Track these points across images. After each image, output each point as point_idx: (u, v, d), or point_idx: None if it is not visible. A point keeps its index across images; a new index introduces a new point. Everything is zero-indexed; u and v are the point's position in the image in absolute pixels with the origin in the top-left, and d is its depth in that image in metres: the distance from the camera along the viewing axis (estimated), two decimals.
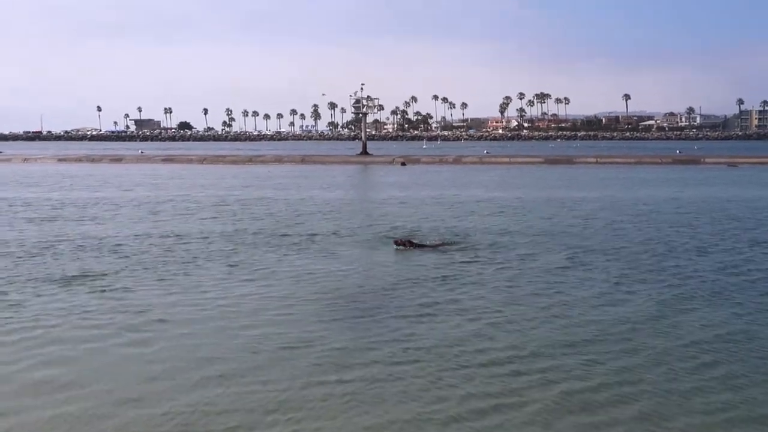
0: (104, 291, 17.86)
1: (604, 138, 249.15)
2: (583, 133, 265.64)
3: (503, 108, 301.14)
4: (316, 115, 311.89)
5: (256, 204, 39.49)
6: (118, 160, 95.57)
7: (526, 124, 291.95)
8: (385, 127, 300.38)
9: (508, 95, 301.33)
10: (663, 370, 12.17)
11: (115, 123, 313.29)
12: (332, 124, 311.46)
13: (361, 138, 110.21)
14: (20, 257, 22.63)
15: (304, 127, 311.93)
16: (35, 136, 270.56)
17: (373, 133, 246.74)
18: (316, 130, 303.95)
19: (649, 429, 9.97)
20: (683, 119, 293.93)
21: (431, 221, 31.54)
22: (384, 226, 29.75)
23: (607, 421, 10.21)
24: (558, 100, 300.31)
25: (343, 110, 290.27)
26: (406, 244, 24.29)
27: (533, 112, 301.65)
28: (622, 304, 16.71)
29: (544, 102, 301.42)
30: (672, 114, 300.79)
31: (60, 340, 13.85)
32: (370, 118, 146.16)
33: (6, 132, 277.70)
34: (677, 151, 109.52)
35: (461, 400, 10.87)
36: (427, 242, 25.09)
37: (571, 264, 21.52)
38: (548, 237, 26.85)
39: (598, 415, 10.40)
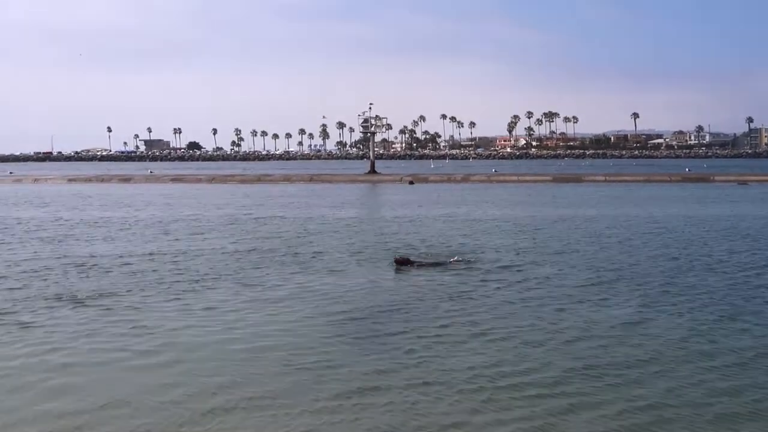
0: (114, 310, 17.71)
1: (612, 156, 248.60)
2: (591, 151, 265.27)
3: (511, 127, 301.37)
4: (325, 134, 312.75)
5: (267, 223, 39.41)
6: (127, 180, 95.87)
7: (534, 143, 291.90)
8: (393, 146, 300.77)
9: (516, 114, 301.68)
10: (693, 395, 11.85)
11: (125, 143, 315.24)
12: (340, 144, 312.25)
13: (369, 157, 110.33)
14: (32, 277, 22.55)
15: (312, 147, 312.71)
16: (45, 157, 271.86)
17: (381, 152, 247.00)
18: (325, 150, 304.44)
19: None
20: (692, 137, 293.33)
21: (442, 239, 31.34)
22: (395, 245, 29.56)
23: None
24: (566, 119, 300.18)
25: (352, 130, 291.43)
26: (406, 262, 24.16)
27: (541, 130, 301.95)
28: (643, 324, 16.38)
29: (553, 121, 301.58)
30: (681, 132, 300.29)
31: (70, 365, 13.58)
32: (378, 138, 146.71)
33: (17, 153, 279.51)
34: (687, 169, 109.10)
35: (481, 427, 10.59)
36: (428, 260, 24.94)
37: (588, 284, 21.23)
38: (562, 256, 26.61)
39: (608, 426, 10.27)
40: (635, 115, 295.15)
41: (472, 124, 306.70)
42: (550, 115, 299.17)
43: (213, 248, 29.11)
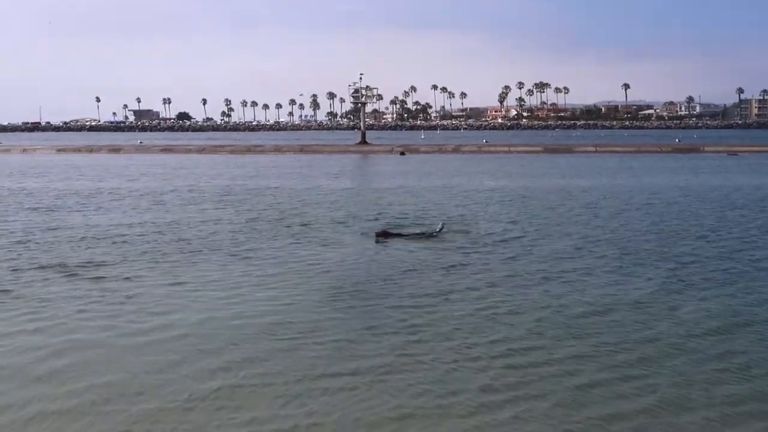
0: (112, 285, 17.60)
1: (603, 127, 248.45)
2: (582, 122, 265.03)
3: (502, 97, 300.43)
4: (315, 105, 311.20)
5: (261, 194, 39.34)
6: (116, 150, 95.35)
7: (525, 114, 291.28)
8: (384, 116, 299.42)
9: (507, 84, 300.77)
10: (682, 360, 12.03)
11: (114, 114, 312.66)
12: (331, 114, 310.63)
13: (360, 128, 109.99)
14: (26, 246, 22.51)
15: (303, 117, 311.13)
16: (34, 127, 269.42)
17: (372, 122, 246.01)
18: (315, 120, 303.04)
19: (671, 419, 9.84)
20: (683, 108, 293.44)
21: (437, 210, 31.31)
22: (390, 215, 29.62)
23: (628, 411, 10.05)
24: (557, 90, 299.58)
25: (342, 100, 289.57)
26: (386, 234, 24.00)
27: (532, 101, 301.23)
28: (636, 292, 16.52)
29: (544, 91, 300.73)
30: (671, 103, 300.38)
31: (70, 342, 13.29)
32: (369, 108, 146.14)
33: (5, 123, 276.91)
34: (677, 140, 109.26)
35: (477, 393, 10.65)
36: (405, 231, 24.87)
37: (582, 253, 21.33)
38: (561, 227, 26.66)
39: (619, 405, 10.25)
40: (626, 86, 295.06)
41: (464, 95, 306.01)
42: (541, 86, 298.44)
43: (208, 219, 29.06)
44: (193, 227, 26.77)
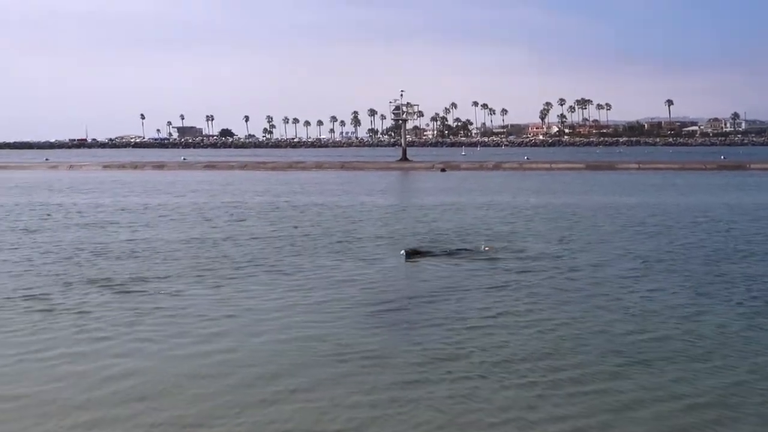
0: (157, 298, 17.68)
1: (646, 144, 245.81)
2: (625, 138, 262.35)
3: (544, 114, 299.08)
4: (356, 121, 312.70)
5: (305, 210, 39.43)
6: (160, 166, 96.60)
7: (567, 130, 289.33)
8: (425, 133, 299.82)
9: (548, 101, 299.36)
10: (764, 389, 11.42)
11: (158, 131, 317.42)
12: (372, 131, 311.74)
13: (400, 144, 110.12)
14: (76, 262, 22.71)
15: (343, 134, 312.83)
16: (80, 144, 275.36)
17: (413, 139, 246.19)
18: (356, 137, 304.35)
19: None
20: (728, 125, 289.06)
21: (481, 227, 30.93)
22: (437, 232, 29.42)
23: None
24: (599, 106, 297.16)
25: (383, 117, 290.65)
26: (415, 253, 23.67)
27: (574, 118, 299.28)
28: (703, 315, 15.88)
29: (585, 108, 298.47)
30: (716, 119, 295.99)
31: (115, 355, 13.35)
32: (409, 125, 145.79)
33: (52, 140, 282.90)
34: (722, 157, 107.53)
35: (536, 424, 10.23)
36: (437, 250, 24.60)
37: (640, 274, 20.67)
38: (608, 245, 26.08)
39: None
40: (669, 102, 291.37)
41: (504, 111, 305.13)
42: (583, 102, 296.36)
43: (257, 235, 29.06)
44: (242, 244, 26.79)
